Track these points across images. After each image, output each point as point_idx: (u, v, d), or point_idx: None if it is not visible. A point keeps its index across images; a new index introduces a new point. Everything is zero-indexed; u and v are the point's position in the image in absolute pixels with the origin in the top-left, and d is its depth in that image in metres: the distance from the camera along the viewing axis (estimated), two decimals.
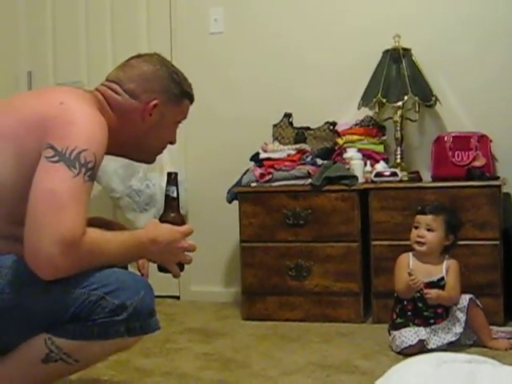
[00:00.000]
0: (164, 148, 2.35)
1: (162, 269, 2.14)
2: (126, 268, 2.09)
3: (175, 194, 2.19)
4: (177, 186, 2.20)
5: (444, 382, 1.14)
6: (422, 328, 3.06)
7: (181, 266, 2.15)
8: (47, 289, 1.85)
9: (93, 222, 1.97)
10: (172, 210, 2.18)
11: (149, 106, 2.18)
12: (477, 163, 3.69)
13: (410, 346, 3.01)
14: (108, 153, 2.07)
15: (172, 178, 2.20)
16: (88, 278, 1.88)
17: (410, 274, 3.05)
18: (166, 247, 2.06)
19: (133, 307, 1.90)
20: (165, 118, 2.24)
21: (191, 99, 2.35)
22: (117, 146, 2.16)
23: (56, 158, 1.84)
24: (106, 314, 1.88)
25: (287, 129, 4.12)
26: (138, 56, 2.27)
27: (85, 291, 1.87)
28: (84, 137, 1.90)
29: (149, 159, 2.37)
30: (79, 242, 1.79)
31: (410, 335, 3.04)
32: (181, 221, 2.18)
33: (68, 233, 1.77)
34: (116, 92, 2.18)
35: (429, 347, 3.00)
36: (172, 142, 2.35)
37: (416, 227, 3.17)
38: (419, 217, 3.18)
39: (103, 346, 1.94)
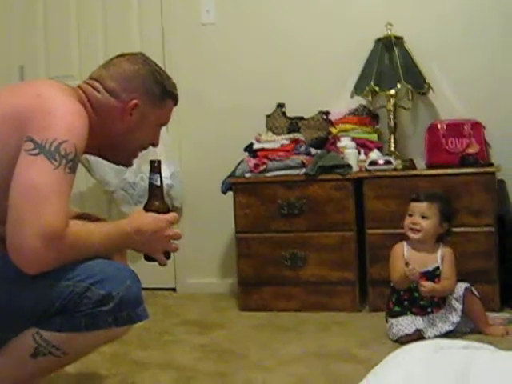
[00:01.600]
0: (144, 149, 2.30)
1: (148, 258, 2.13)
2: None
3: (159, 182, 2.17)
4: (160, 173, 2.17)
5: (441, 368, 1.14)
6: (419, 317, 3.07)
7: (167, 255, 2.14)
8: (32, 283, 1.84)
9: (76, 217, 1.96)
10: (156, 199, 2.16)
11: (129, 106, 2.14)
12: (470, 150, 3.69)
13: (407, 334, 3.01)
14: (86, 152, 2.05)
15: (155, 166, 2.17)
16: (73, 270, 1.87)
17: (407, 264, 3.05)
18: (151, 236, 2.05)
19: (119, 297, 1.89)
20: (145, 119, 2.20)
21: (175, 99, 2.30)
22: (95, 145, 2.12)
23: (36, 151, 1.82)
24: (93, 304, 1.88)
25: (280, 119, 4.11)
26: (122, 55, 2.23)
27: (70, 283, 1.87)
28: (63, 128, 1.88)
29: (126, 161, 2.31)
30: (62, 235, 1.78)
31: (406, 324, 3.04)
32: (165, 209, 2.15)
33: (50, 226, 1.75)
34: (97, 90, 2.15)
35: (426, 336, 3.00)
36: (154, 144, 2.30)
37: (410, 215, 3.17)
38: (414, 204, 3.18)
39: (92, 337, 1.93)
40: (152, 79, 2.18)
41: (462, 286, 3.10)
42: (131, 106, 2.14)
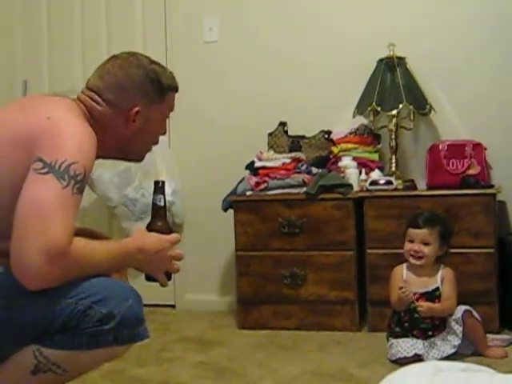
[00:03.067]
0: (156, 143, 2.32)
1: (149, 278, 2.13)
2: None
3: (162, 203, 2.17)
4: (164, 194, 2.18)
5: None
6: (420, 341, 3.06)
7: (168, 275, 2.14)
8: (34, 300, 1.84)
9: (78, 233, 1.96)
10: (159, 219, 2.16)
11: (131, 114, 2.15)
12: (471, 171, 3.70)
13: (406, 357, 2.99)
14: (96, 157, 2.06)
15: (159, 187, 2.18)
16: (75, 288, 1.87)
17: (400, 288, 3.04)
18: (154, 256, 2.05)
19: (121, 316, 1.89)
20: (150, 120, 2.21)
21: (175, 89, 2.29)
22: (103, 152, 2.13)
23: (45, 170, 1.83)
24: (94, 323, 1.87)
25: (282, 137, 4.12)
26: (115, 59, 2.21)
27: (72, 301, 1.86)
28: (73, 149, 1.89)
29: (139, 158, 2.34)
30: (66, 252, 1.77)
31: (406, 347, 3.03)
32: (168, 229, 2.16)
33: (54, 243, 1.75)
34: (96, 102, 2.15)
35: (427, 360, 2.98)
36: (163, 134, 2.33)
37: (411, 241, 3.15)
38: (413, 231, 3.15)
39: (92, 355, 1.92)
40: (148, 81, 2.18)
41: (461, 308, 3.08)
42: (133, 114, 2.15)
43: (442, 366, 1.24)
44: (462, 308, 3.09)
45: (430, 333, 3.09)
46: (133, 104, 2.16)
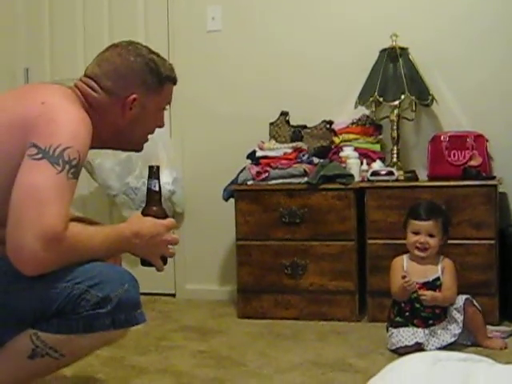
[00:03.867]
0: (151, 133, 2.33)
1: (144, 263, 2.13)
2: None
3: (157, 188, 2.17)
4: (158, 179, 2.18)
5: (439, 381, 1.14)
6: (420, 330, 3.06)
7: (164, 260, 2.14)
8: (31, 285, 1.85)
9: (76, 221, 1.96)
10: (154, 204, 2.16)
11: (127, 101, 2.16)
12: (473, 163, 3.69)
13: (406, 346, 3.00)
14: (92, 147, 2.06)
15: (154, 172, 2.18)
16: (71, 272, 1.88)
17: (403, 277, 3.04)
18: (150, 240, 2.05)
19: (117, 299, 1.90)
20: (147, 109, 2.21)
21: (173, 81, 2.30)
22: (100, 141, 2.14)
23: (39, 156, 1.83)
24: (91, 307, 1.88)
25: (284, 127, 4.12)
26: (114, 47, 2.22)
27: (69, 285, 1.87)
28: (68, 134, 1.89)
29: (137, 148, 2.35)
30: (62, 237, 1.78)
31: (407, 335, 3.03)
32: (163, 214, 2.16)
33: (50, 228, 1.76)
34: (94, 89, 2.16)
35: (427, 349, 2.99)
36: (160, 126, 2.33)
37: (415, 233, 3.15)
38: (419, 223, 3.14)
39: (89, 339, 1.93)
40: (147, 70, 2.18)
41: (462, 297, 3.09)
42: (130, 101, 2.16)
43: (442, 356, 1.24)
44: (463, 297, 3.09)
45: (430, 321, 3.09)
46: (130, 92, 2.16)
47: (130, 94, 2.15)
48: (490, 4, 3.99)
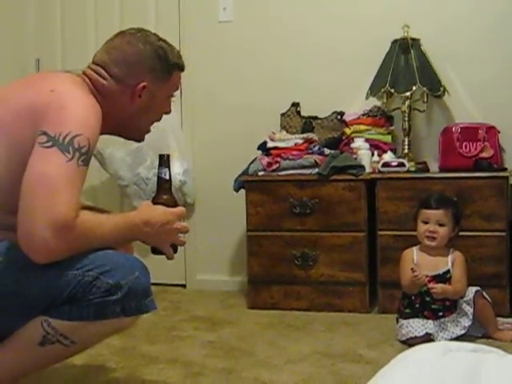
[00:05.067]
0: (158, 120, 2.33)
1: (155, 251, 2.14)
2: None
3: (167, 176, 2.18)
4: (169, 167, 2.19)
5: (449, 371, 1.13)
6: (430, 321, 3.05)
7: (174, 248, 2.15)
8: (42, 272, 1.85)
9: (85, 209, 1.96)
10: (164, 192, 2.17)
11: (137, 89, 2.16)
12: (484, 154, 3.68)
13: (416, 337, 3.00)
14: (100, 134, 2.06)
15: (164, 160, 2.18)
16: (82, 260, 1.89)
17: (412, 270, 3.04)
18: (160, 228, 2.06)
19: (128, 287, 1.91)
20: (155, 96, 2.22)
21: (181, 68, 2.29)
22: (107, 127, 2.14)
23: (49, 144, 1.84)
24: (101, 294, 1.89)
25: (295, 118, 4.11)
26: (123, 35, 2.23)
27: (79, 272, 1.88)
28: (77, 122, 1.90)
29: (140, 137, 2.35)
30: (72, 225, 1.79)
31: (417, 326, 3.03)
32: (173, 202, 2.17)
33: (61, 215, 1.76)
34: (102, 77, 2.17)
35: (437, 341, 2.98)
36: (167, 113, 2.34)
37: (425, 222, 3.15)
38: (429, 212, 3.15)
39: (100, 326, 1.95)
40: (155, 58, 2.19)
41: (472, 290, 3.09)
42: (140, 89, 2.17)
43: (452, 346, 1.23)
44: (473, 289, 3.09)
45: (440, 314, 3.08)
46: (139, 79, 2.17)
47: (139, 81, 2.16)
48: None
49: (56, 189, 1.79)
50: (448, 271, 3.12)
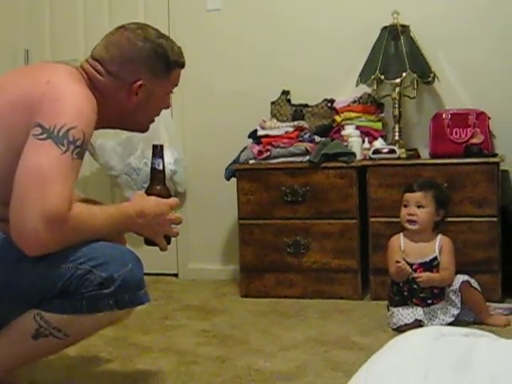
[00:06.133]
0: (157, 116, 2.32)
1: (148, 242, 2.14)
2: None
3: (161, 167, 2.18)
4: (162, 158, 2.18)
5: (442, 355, 1.14)
6: (419, 308, 3.06)
7: (167, 239, 2.15)
8: (34, 265, 1.85)
9: (78, 201, 1.96)
10: (158, 183, 2.17)
11: (134, 87, 2.14)
12: (475, 140, 3.69)
13: (406, 324, 3.00)
14: (96, 128, 2.05)
15: (158, 151, 2.18)
16: (75, 252, 1.88)
17: (397, 262, 3.05)
18: (153, 219, 2.05)
19: (121, 279, 1.90)
20: (153, 94, 2.20)
21: (181, 66, 2.27)
22: (105, 121, 2.14)
23: (44, 136, 1.83)
24: (94, 287, 1.89)
25: (285, 106, 4.11)
26: (123, 30, 2.19)
27: (72, 265, 1.87)
28: (72, 114, 1.89)
29: (142, 129, 2.33)
30: (65, 218, 1.78)
31: (407, 314, 3.04)
32: (167, 193, 2.17)
33: (53, 208, 1.76)
34: (99, 73, 2.14)
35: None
36: (166, 108, 2.33)
37: (406, 205, 3.16)
38: (408, 195, 3.16)
39: (93, 319, 1.95)
40: (154, 56, 2.16)
41: (459, 279, 3.07)
42: (137, 87, 2.14)
43: (445, 331, 1.24)
44: (460, 279, 3.07)
45: (429, 301, 3.09)
46: (137, 77, 2.14)
47: (136, 79, 2.14)
48: None
49: (49, 181, 1.78)
50: (435, 258, 3.12)
